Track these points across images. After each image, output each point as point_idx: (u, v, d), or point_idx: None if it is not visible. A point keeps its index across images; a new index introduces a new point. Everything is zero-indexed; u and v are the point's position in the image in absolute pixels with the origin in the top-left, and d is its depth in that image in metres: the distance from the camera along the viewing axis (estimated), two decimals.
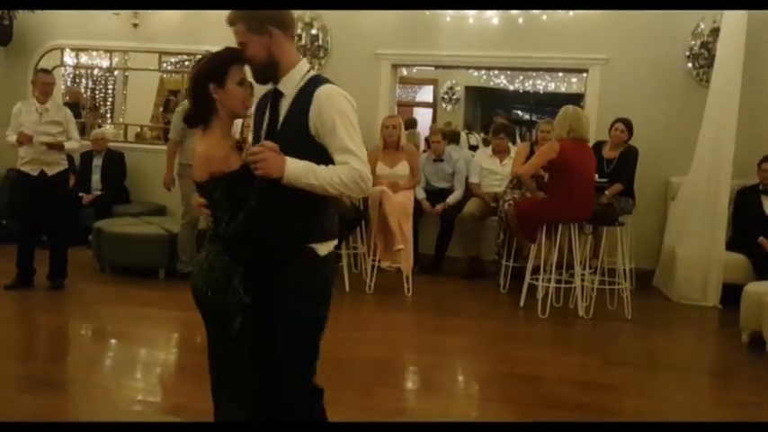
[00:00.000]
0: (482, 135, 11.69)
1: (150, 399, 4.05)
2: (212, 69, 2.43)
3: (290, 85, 2.42)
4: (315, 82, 2.41)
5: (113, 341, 5.16)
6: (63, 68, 9.28)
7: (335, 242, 2.55)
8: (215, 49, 2.53)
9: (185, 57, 9.12)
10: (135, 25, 8.20)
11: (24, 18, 8.25)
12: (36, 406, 3.75)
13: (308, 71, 2.47)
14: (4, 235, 7.11)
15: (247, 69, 2.47)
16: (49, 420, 3.56)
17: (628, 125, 6.59)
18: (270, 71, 2.44)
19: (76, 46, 9.00)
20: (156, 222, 6.91)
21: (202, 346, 4.84)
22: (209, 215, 2.44)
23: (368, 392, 4.17)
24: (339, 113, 2.36)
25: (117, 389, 4.15)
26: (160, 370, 4.62)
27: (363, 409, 3.90)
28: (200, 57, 2.49)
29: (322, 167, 2.34)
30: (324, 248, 2.48)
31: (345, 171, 2.34)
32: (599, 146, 6.65)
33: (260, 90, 2.59)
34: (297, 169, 2.30)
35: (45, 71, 6.27)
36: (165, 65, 9.22)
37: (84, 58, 10.02)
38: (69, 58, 9.31)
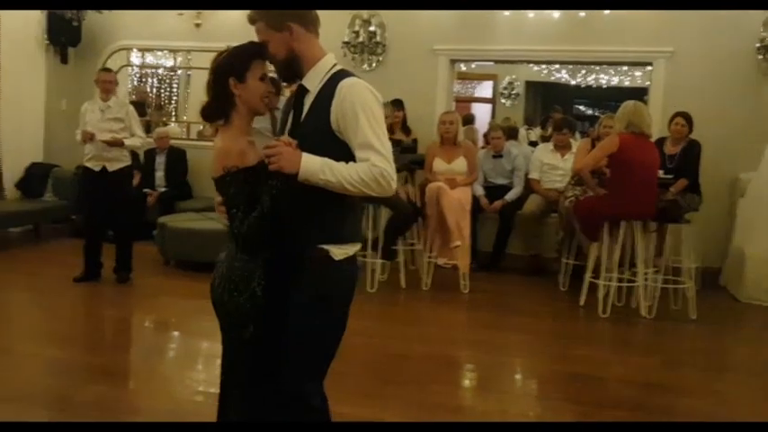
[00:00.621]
0: (540, 130, 11.53)
1: (211, 390, 4.11)
2: (233, 64, 2.39)
3: (314, 81, 2.35)
4: (339, 76, 2.31)
5: (176, 333, 5.28)
6: (129, 68, 9.55)
7: (357, 246, 2.42)
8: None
9: None
10: (197, 25, 8.37)
11: (92, 20, 8.52)
12: (100, 394, 3.86)
13: (334, 66, 2.38)
14: (76, 229, 7.35)
15: (270, 66, 2.43)
16: (112, 410, 3.67)
17: (687, 119, 6.40)
18: (293, 68, 2.38)
19: (142, 46, 9.25)
20: (217, 218, 7.02)
21: None
22: (224, 213, 2.39)
23: (423, 389, 4.15)
24: (362, 107, 2.23)
25: (179, 380, 4.25)
26: (221, 362, 4.70)
27: (419, 405, 3.89)
28: (221, 50, 2.42)
29: (341, 164, 2.23)
30: (340, 252, 2.35)
31: (365, 168, 2.21)
32: (660, 142, 6.48)
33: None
34: (313, 165, 2.21)
35: (105, 70, 6.46)
36: None
37: (149, 58, 10.29)
38: (135, 58, 9.57)
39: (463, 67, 11.19)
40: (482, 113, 13.27)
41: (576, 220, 5.99)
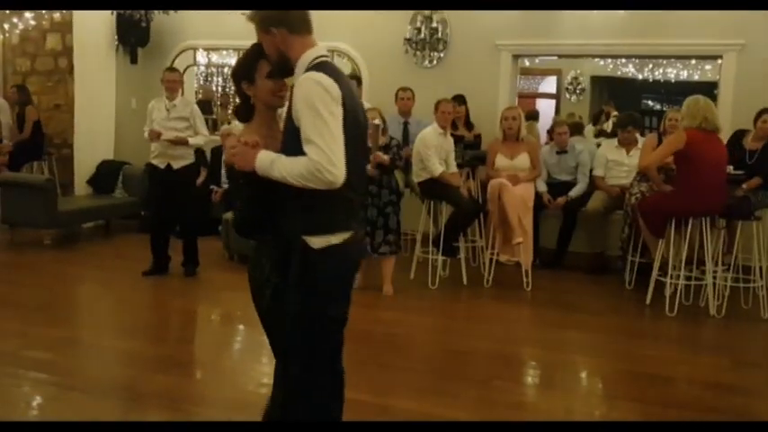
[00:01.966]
0: (592, 126, 11.33)
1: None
2: (242, 68, 2.59)
3: (297, 78, 2.44)
4: (308, 70, 2.38)
5: (241, 326, 5.38)
6: (196, 67, 9.76)
7: (344, 236, 2.44)
8: (336, 44, 2.62)
9: None
10: None
11: (160, 20, 8.74)
12: (167, 384, 3.97)
13: (314, 60, 2.43)
14: (145, 225, 7.57)
15: None
16: (179, 400, 3.76)
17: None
18: (283, 67, 2.50)
19: (207, 46, 9.44)
20: None
21: None
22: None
23: (485, 385, 4.13)
24: (305, 101, 2.29)
25: (244, 371, 4.33)
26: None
27: (481, 402, 3.87)
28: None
29: (288, 160, 2.32)
30: (319, 241, 2.40)
31: (304, 163, 2.27)
32: (740, 135, 6.28)
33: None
34: (263, 162, 2.33)
35: (170, 69, 6.63)
36: None
37: (214, 58, 10.49)
38: (201, 58, 9.77)
39: (527, 63, 11.08)
40: (546, 109, 13.09)
41: (640, 217, 5.86)
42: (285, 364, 2.58)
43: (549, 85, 14.15)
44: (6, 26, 9.17)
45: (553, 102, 13.80)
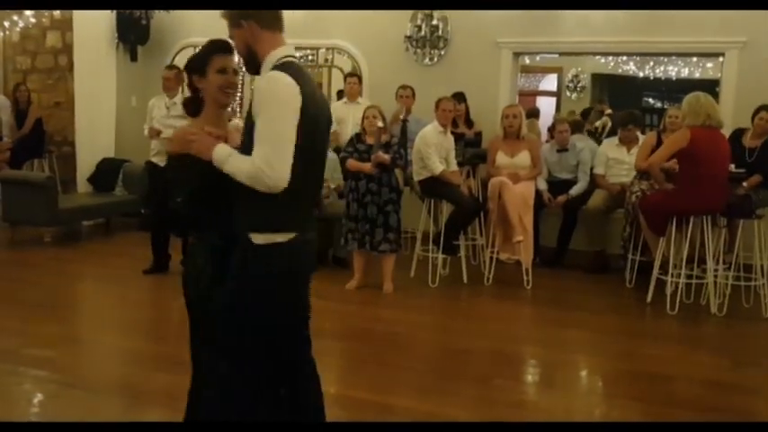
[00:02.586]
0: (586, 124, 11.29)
1: None
2: (195, 62, 2.63)
3: (262, 75, 2.44)
4: (273, 69, 2.37)
5: None
6: None
7: (288, 236, 2.40)
8: (336, 42, 2.62)
9: (309, 51, 9.33)
10: None
11: (160, 18, 8.72)
12: (168, 382, 3.96)
13: (280, 59, 2.41)
14: (145, 223, 7.56)
15: (234, 59, 2.63)
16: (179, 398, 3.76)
17: (764, 109, 6.18)
18: (252, 62, 2.49)
19: None
20: None
21: (325, 331, 4.96)
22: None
23: (486, 384, 4.13)
24: (262, 100, 2.30)
25: None
26: None
27: (481, 401, 3.87)
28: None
29: (240, 156, 2.34)
30: (261, 238, 2.38)
31: (249, 164, 2.28)
32: (739, 134, 6.27)
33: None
34: (221, 154, 2.36)
35: (167, 67, 6.63)
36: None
37: None
38: None
39: (527, 60, 11.06)
40: (546, 107, 13.08)
41: (641, 215, 5.85)
42: (214, 358, 2.53)
43: (550, 82, 14.13)
44: (7, 24, 9.16)
45: (554, 99, 13.79)
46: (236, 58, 2.63)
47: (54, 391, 3.89)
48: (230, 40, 2.53)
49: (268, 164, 2.25)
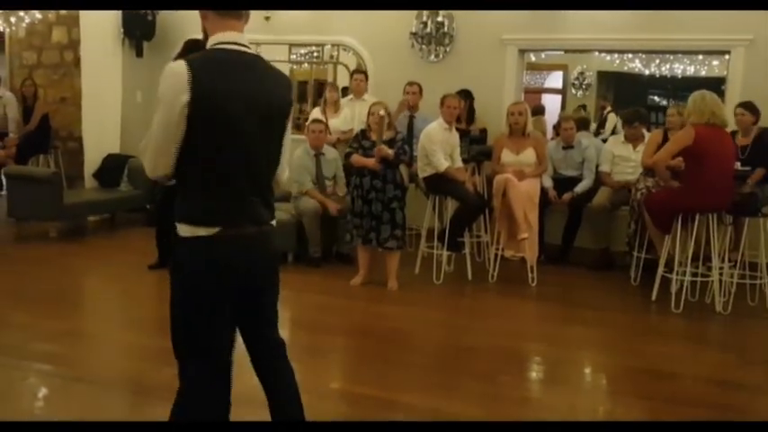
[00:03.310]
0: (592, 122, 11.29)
1: None
2: (175, 59, 2.64)
3: None
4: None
5: None
6: None
7: (211, 230, 2.32)
8: (342, 38, 2.60)
9: (314, 48, 9.36)
10: (267, 18, 8.47)
11: (166, 14, 8.73)
12: (173, 377, 3.95)
13: (215, 44, 2.35)
14: (150, 218, 7.57)
15: None
16: None
17: (748, 108, 6.21)
18: (191, 51, 2.50)
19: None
20: (285, 209, 7.12)
21: (330, 327, 4.98)
22: None
23: (490, 381, 4.13)
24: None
25: (248, 365, 4.32)
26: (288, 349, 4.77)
27: (485, 397, 3.87)
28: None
29: None
30: (185, 230, 2.35)
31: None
32: (733, 134, 6.26)
33: None
34: None
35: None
36: (294, 56, 9.48)
37: None
38: None
39: (533, 58, 11.03)
40: (552, 104, 13.05)
41: (646, 213, 5.84)
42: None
43: (556, 80, 14.10)
44: (13, 19, 9.18)
45: (559, 97, 13.76)
46: None
47: (59, 385, 3.91)
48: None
49: (146, 156, 2.32)
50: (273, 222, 2.50)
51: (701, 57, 12.31)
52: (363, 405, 3.70)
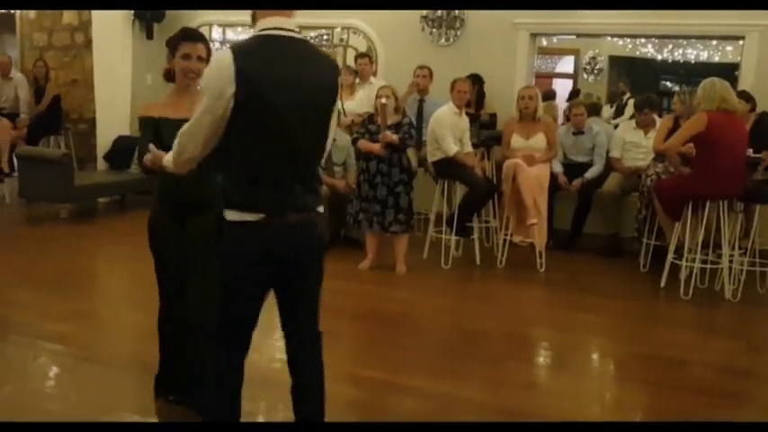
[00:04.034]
0: (609, 106, 11.23)
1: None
2: (169, 42, 3.18)
3: None
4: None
5: None
6: (211, 44, 9.72)
7: (256, 216, 2.36)
8: (351, 22, 2.62)
9: (324, 31, 9.31)
10: None
11: None
12: None
13: (260, 31, 2.38)
14: None
15: (200, 47, 3.09)
16: None
17: (743, 96, 6.17)
18: None
19: (223, 22, 9.41)
20: None
21: (338, 310, 4.98)
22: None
23: (498, 365, 4.14)
24: None
25: (256, 347, 4.32)
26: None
27: (492, 381, 3.88)
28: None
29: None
30: (231, 215, 2.39)
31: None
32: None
33: None
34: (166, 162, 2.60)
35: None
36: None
37: (230, 34, 10.45)
38: (217, 34, 9.74)
39: (544, 42, 10.97)
40: (563, 90, 12.98)
41: (657, 199, 5.82)
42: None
43: (567, 64, 14.02)
44: None
45: (570, 82, 13.68)
46: (204, 46, 3.09)
47: (70, 365, 3.95)
48: (199, 30, 2.79)
49: (178, 136, 2.42)
50: (320, 209, 2.51)
51: (714, 42, 12.22)
52: (371, 388, 3.72)
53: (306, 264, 2.52)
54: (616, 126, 8.08)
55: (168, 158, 2.54)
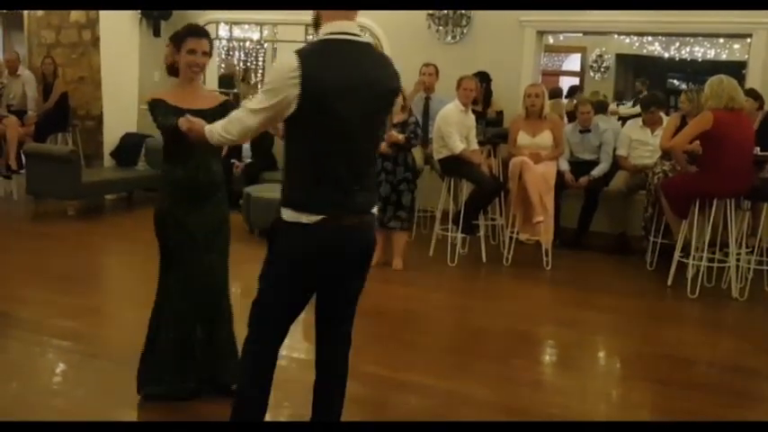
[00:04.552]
0: (616, 104, 11.19)
1: (294, 355, 4.23)
2: (174, 38, 3.23)
3: None
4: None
5: None
6: (218, 41, 9.74)
7: (313, 217, 2.38)
8: (357, 19, 2.58)
9: None
10: None
11: None
12: None
13: (325, 35, 2.45)
14: None
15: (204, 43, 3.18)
16: None
17: (752, 94, 6.17)
18: None
19: (230, 19, 9.42)
20: None
21: None
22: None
23: (504, 363, 4.14)
24: None
25: None
26: (302, 328, 4.80)
27: (498, 379, 3.89)
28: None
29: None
30: (288, 215, 2.42)
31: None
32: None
33: None
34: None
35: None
36: (311, 36, 9.43)
37: (236, 32, 10.47)
38: (224, 32, 9.76)
39: (551, 39, 10.93)
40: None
41: (663, 198, 5.80)
42: None
43: (573, 62, 13.98)
44: None
45: (577, 80, 13.64)
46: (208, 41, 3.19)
47: (77, 361, 3.96)
48: (203, 26, 2.85)
49: (243, 111, 2.47)
50: (374, 210, 2.55)
51: (721, 40, 12.17)
52: (376, 385, 3.72)
53: (356, 265, 2.57)
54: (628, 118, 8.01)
55: (209, 128, 2.61)
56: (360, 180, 2.44)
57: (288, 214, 2.41)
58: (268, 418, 3.37)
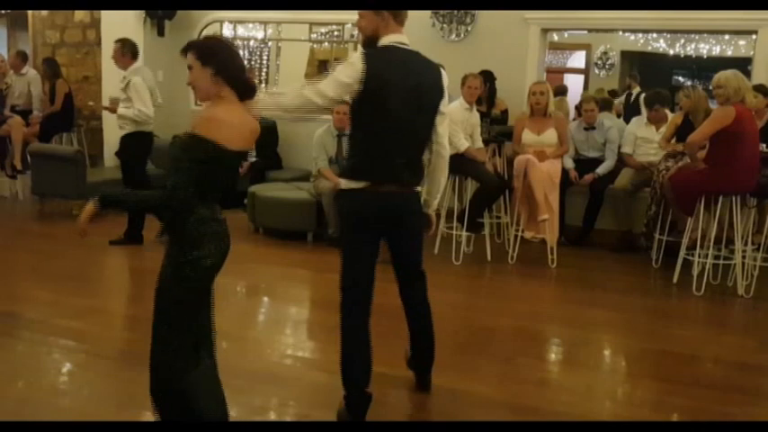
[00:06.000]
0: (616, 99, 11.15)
1: (299, 354, 4.23)
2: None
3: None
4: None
5: (265, 298, 5.42)
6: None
7: (360, 184, 3.08)
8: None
9: (334, 27, 9.31)
10: None
11: None
12: None
13: (388, 44, 3.23)
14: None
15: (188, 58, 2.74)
16: None
17: (761, 91, 6.11)
18: (369, 41, 3.27)
19: (234, 19, 9.43)
20: (306, 188, 7.15)
21: None
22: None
23: (509, 362, 4.14)
24: None
25: (269, 343, 4.37)
26: (307, 327, 4.81)
27: (503, 377, 3.88)
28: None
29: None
30: (344, 183, 3.15)
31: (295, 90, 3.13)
32: None
33: None
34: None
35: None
36: (314, 35, 9.45)
37: (240, 31, 10.47)
38: (228, 31, 9.76)
39: (555, 37, 10.92)
40: (574, 85, 12.93)
41: (671, 191, 5.76)
42: None
43: (578, 60, 13.95)
44: None
45: (581, 77, 13.62)
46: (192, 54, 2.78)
47: (82, 361, 3.97)
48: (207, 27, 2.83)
49: (311, 89, 3.03)
50: (418, 189, 3.23)
51: (726, 36, 12.12)
52: (379, 383, 3.71)
53: (403, 223, 3.22)
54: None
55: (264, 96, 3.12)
56: (407, 162, 3.10)
57: (344, 182, 3.14)
58: (272, 417, 3.38)
